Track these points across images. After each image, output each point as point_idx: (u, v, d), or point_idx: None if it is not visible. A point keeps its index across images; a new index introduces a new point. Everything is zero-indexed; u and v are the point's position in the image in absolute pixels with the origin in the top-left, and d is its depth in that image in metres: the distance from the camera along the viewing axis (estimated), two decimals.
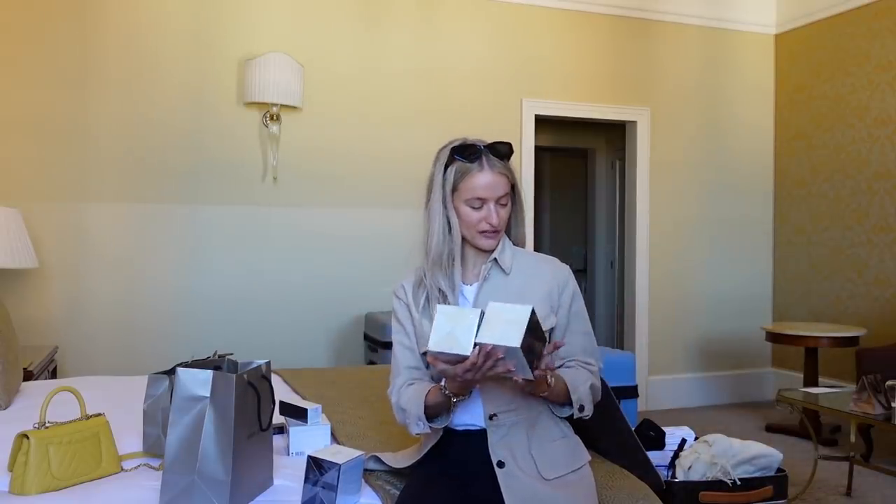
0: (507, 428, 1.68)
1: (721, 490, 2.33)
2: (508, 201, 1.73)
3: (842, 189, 5.17)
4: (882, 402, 3.12)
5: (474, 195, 1.68)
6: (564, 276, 1.77)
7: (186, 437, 1.58)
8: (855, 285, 5.06)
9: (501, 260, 1.74)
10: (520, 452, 1.67)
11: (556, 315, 1.73)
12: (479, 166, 1.68)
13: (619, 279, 6.26)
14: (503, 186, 1.69)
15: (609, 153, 6.84)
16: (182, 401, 1.59)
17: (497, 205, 1.70)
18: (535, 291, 1.72)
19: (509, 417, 1.69)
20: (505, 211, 1.72)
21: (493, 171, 1.68)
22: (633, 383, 3.81)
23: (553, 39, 5.07)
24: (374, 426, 2.37)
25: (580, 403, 1.66)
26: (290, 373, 3.24)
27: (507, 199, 1.72)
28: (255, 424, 1.67)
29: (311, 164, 4.48)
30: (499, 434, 1.68)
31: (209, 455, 1.57)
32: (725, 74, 5.57)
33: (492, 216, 1.68)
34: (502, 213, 1.71)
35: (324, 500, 1.61)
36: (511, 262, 1.75)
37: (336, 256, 4.53)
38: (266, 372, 1.72)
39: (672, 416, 4.97)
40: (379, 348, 4.10)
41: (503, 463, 1.65)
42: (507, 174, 1.71)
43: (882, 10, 4.89)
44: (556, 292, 1.74)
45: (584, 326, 1.78)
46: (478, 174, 1.68)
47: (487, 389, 1.69)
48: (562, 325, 1.74)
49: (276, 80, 4.16)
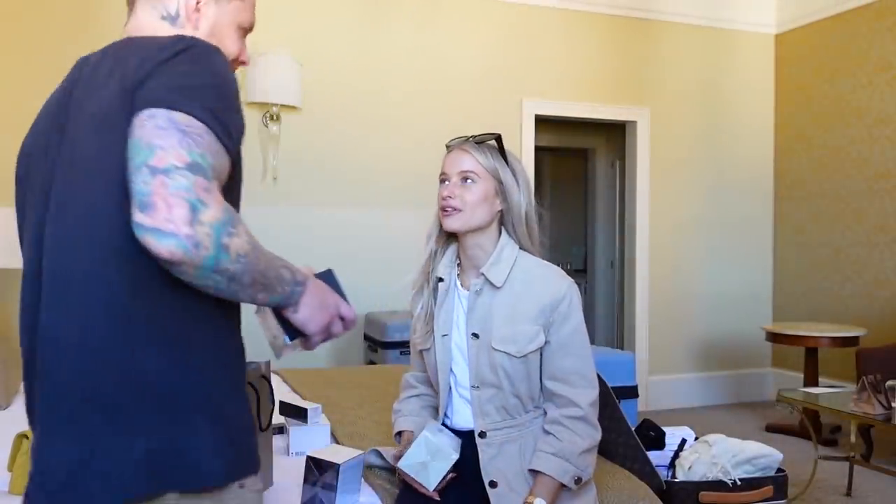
0: (497, 447, 1.65)
1: (721, 490, 2.32)
2: (477, 183, 1.64)
3: (842, 189, 5.16)
4: (882, 402, 3.11)
5: (441, 172, 1.71)
6: (560, 293, 1.64)
7: None
8: (855, 285, 5.06)
9: (490, 274, 1.66)
10: (512, 472, 1.63)
11: (546, 333, 1.64)
12: (450, 149, 1.71)
13: (619, 279, 6.26)
14: (467, 163, 1.65)
15: (609, 153, 6.84)
16: None
17: (459, 182, 1.65)
18: (524, 310, 1.64)
19: (499, 435, 1.65)
20: (469, 192, 1.64)
21: (459, 148, 1.69)
22: (633, 383, 3.81)
23: (553, 39, 5.07)
24: (374, 426, 2.37)
25: (577, 476, 1.60)
26: (290, 373, 3.24)
27: (474, 179, 1.64)
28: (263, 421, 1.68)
29: (311, 164, 4.48)
30: (490, 453, 1.65)
31: None
32: (725, 74, 5.56)
33: (444, 190, 1.66)
34: (462, 193, 1.64)
35: (323, 500, 1.61)
36: (506, 273, 1.66)
37: (336, 256, 4.52)
38: (266, 371, 1.72)
39: (672, 416, 4.97)
40: (379, 348, 4.10)
41: (495, 483, 1.62)
42: (473, 154, 1.65)
43: (882, 10, 4.89)
44: (549, 309, 1.63)
45: (577, 349, 1.65)
46: (447, 154, 1.71)
47: (478, 405, 1.66)
48: (552, 346, 1.64)
49: (275, 80, 4.16)
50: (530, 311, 1.63)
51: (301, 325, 1.11)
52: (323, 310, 1.13)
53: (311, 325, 1.12)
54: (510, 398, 1.65)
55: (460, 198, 1.64)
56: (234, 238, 0.95)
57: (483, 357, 1.65)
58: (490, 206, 1.66)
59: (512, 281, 1.66)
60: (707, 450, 2.43)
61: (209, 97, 1.00)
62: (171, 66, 1.01)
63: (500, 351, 1.62)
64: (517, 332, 1.63)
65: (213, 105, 1.00)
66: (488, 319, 1.66)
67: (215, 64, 1.05)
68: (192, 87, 1.00)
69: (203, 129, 0.97)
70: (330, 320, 1.14)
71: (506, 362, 1.62)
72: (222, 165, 1.00)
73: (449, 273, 1.76)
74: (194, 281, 0.95)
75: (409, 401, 1.87)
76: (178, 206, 0.90)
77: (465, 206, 1.64)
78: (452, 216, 1.65)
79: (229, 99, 1.04)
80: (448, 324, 1.73)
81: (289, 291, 1.07)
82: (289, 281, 1.06)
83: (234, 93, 1.06)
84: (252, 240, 0.98)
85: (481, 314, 1.67)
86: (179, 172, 0.92)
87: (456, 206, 1.64)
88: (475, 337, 1.66)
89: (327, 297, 1.15)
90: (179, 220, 0.89)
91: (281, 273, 1.05)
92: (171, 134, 0.94)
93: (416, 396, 1.88)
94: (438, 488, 1.66)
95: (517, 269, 1.67)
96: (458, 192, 1.64)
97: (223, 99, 1.03)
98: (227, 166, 1.02)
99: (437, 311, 1.75)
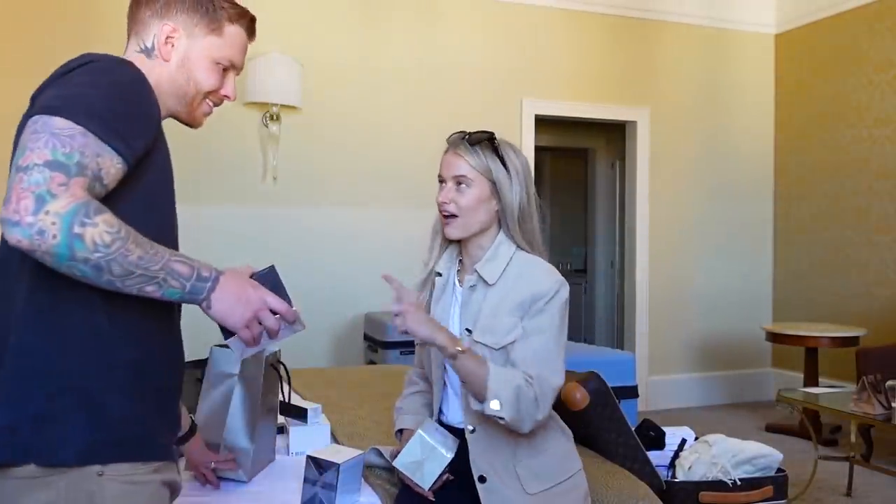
0: (487, 441, 1.65)
1: (721, 490, 2.33)
2: (471, 187, 1.64)
3: (842, 189, 5.16)
4: (882, 402, 3.11)
5: (438, 173, 1.71)
6: (544, 289, 1.62)
7: (215, 408, 1.77)
8: (855, 285, 5.06)
9: (484, 271, 1.66)
10: (502, 467, 1.63)
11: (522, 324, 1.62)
12: (447, 149, 1.71)
13: (619, 279, 6.26)
14: (461, 168, 1.65)
15: (609, 153, 6.84)
16: (215, 376, 1.79)
17: (454, 186, 1.66)
18: (507, 303, 1.63)
19: (487, 430, 1.64)
20: (463, 197, 1.64)
21: (453, 151, 1.68)
22: (633, 383, 3.80)
23: (553, 39, 5.07)
24: (374, 426, 2.38)
25: (495, 397, 1.51)
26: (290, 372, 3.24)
27: (468, 183, 1.64)
28: (271, 402, 1.88)
29: (311, 164, 4.48)
30: (479, 447, 1.65)
31: (235, 425, 1.76)
32: (725, 74, 5.56)
33: (440, 195, 1.67)
34: (457, 198, 1.65)
35: (323, 499, 1.61)
36: (500, 271, 1.66)
37: (336, 256, 4.53)
38: (279, 356, 1.93)
39: (672, 416, 4.97)
40: (379, 348, 4.10)
41: (484, 478, 1.62)
42: (466, 158, 1.65)
43: (882, 10, 4.89)
44: (529, 302, 1.61)
45: (544, 339, 1.60)
46: (444, 154, 1.71)
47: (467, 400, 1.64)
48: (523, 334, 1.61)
49: (275, 80, 4.16)
50: (512, 304, 1.63)
51: (220, 320, 1.13)
52: (243, 304, 1.14)
53: (231, 320, 1.14)
54: None
55: (455, 202, 1.65)
56: (90, 228, 0.99)
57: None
58: (487, 207, 1.67)
59: (506, 278, 1.66)
60: (707, 450, 2.43)
61: (99, 104, 1.07)
62: (67, 79, 1.11)
63: (480, 343, 1.63)
64: (496, 324, 1.63)
65: (102, 112, 1.06)
66: (480, 315, 1.66)
67: (115, 74, 1.13)
68: (81, 95, 1.07)
69: (80, 131, 1.03)
70: (253, 315, 1.15)
71: (486, 354, 1.62)
72: (104, 166, 1.06)
73: (449, 269, 1.77)
74: (58, 269, 1.01)
75: (411, 398, 1.88)
76: (25, 198, 0.97)
77: (461, 210, 1.65)
78: (452, 224, 1.67)
79: (128, 106, 1.11)
80: (444, 319, 1.73)
81: (188, 287, 1.08)
82: (187, 276, 1.08)
83: (135, 101, 1.13)
84: (122, 232, 1.02)
85: (474, 310, 1.67)
86: (37, 169, 0.99)
87: (452, 212, 1.66)
88: (468, 332, 1.67)
89: (248, 292, 1.15)
90: (24, 210, 0.97)
91: (173, 267, 1.07)
92: (42, 137, 1.02)
93: (418, 393, 1.89)
94: (433, 489, 1.66)
95: (512, 266, 1.67)
96: (453, 196, 1.66)
97: (119, 106, 1.09)
98: (115, 167, 1.07)
99: (434, 305, 1.76)
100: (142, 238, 1.05)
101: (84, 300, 1.10)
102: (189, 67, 1.27)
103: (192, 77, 1.28)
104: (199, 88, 1.29)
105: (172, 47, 1.26)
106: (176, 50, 1.27)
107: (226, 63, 1.32)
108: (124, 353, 1.14)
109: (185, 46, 1.27)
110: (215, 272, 1.12)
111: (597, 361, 3.57)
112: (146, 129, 1.14)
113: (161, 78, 1.26)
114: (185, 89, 1.28)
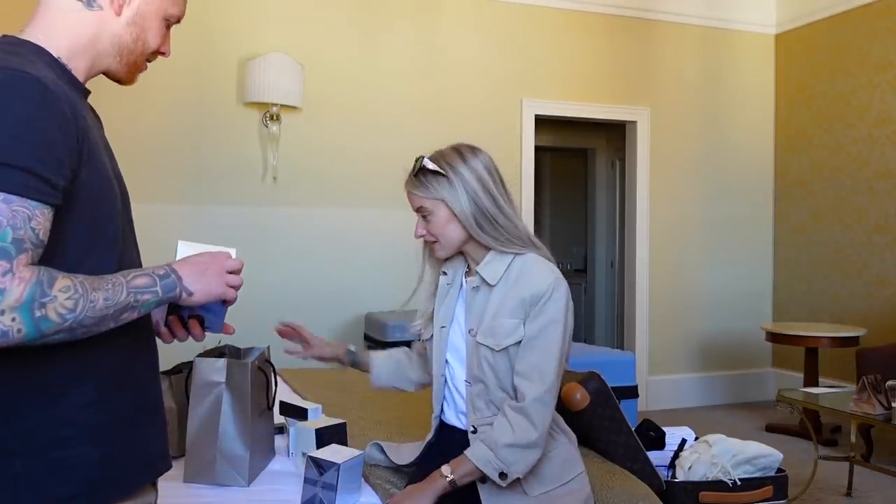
0: None
1: (721, 490, 2.32)
2: (433, 214, 1.68)
3: (842, 189, 5.16)
4: (882, 402, 3.11)
5: None
6: (542, 287, 1.63)
7: (205, 418, 1.77)
8: (855, 285, 5.06)
9: (485, 272, 1.69)
10: None
11: (524, 327, 1.63)
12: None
13: (619, 279, 6.26)
14: (416, 202, 1.71)
15: (609, 153, 6.84)
16: (199, 387, 1.79)
17: (421, 219, 1.72)
18: (508, 304, 1.65)
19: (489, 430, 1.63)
20: (431, 226, 1.69)
21: (406, 188, 1.75)
22: (634, 383, 3.80)
23: (553, 39, 5.07)
24: (375, 426, 2.38)
25: (501, 470, 1.56)
26: (291, 373, 3.24)
27: (427, 215, 1.69)
28: (264, 403, 1.90)
29: (311, 164, 4.47)
30: None
31: (228, 433, 1.76)
32: (725, 74, 5.56)
33: (416, 228, 1.73)
34: (428, 227, 1.70)
35: (324, 499, 1.61)
36: (501, 271, 1.67)
37: (336, 256, 4.52)
38: (268, 355, 1.95)
39: (672, 416, 4.97)
40: (379, 348, 4.10)
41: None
42: (416, 193, 1.70)
43: (882, 10, 4.89)
44: (529, 303, 1.63)
45: (544, 343, 1.62)
46: None
47: (470, 401, 1.68)
48: (524, 340, 1.63)
49: (275, 80, 4.16)
50: (512, 305, 1.64)
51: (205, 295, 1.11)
52: (210, 272, 1.13)
53: (216, 289, 1.13)
54: (497, 392, 1.66)
55: (428, 231, 1.71)
56: (49, 304, 0.93)
57: (475, 352, 1.68)
58: (456, 225, 1.68)
59: (507, 279, 1.68)
60: (707, 450, 2.42)
61: (5, 151, 0.92)
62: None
63: (483, 344, 1.65)
64: (497, 326, 1.64)
65: (12, 159, 0.92)
66: (483, 317, 1.68)
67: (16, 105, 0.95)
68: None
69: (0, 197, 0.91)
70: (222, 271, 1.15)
71: (489, 356, 1.64)
72: (38, 226, 0.95)
73: (456, 270, 1.80)
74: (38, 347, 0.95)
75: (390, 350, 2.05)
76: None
77: (436, 236, 1.71)
78: (436, 248, 1.74)
79: (40, 134, 0.95)
80: (448, 317, 1.76)
81: (160, 289, 1.06)
82: (151, 284, 1.05)
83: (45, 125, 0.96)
84: (79, 289, 0.96)
85: (478, 311, 1.69)
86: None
87: (429, 239, 1.73)
88: (471, 333, 1.68)
89: (201, 262, 1.14)
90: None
91: (136, 285, 1.03)
92: None
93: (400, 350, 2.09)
94: None
95: (514, 267, 1.68)
96: (424, 226, 1.72)
97: (30, 139, 0.94)
98: (48, 217, 0.96)
99: (439, 303, 1.79)
100: (96, 279, 0.99)
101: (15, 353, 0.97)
102: (142, 26, 1.15)
103: (142, 37, 1.16)
104: (146, 48, 1.17)
105: (128, 1, 1.13)
106: (129, 5, 1.13)
107: (173, 20, 1.20)
108: (77, 398, 1.04)
109: (139, 1, 1.14)
110: (165, 266, 1.10)
111: (597, 361, 3.57)
112: (67, 150, 0.99)
113: (102, 33, 1.12)
114: (132, 47, 1.15)
